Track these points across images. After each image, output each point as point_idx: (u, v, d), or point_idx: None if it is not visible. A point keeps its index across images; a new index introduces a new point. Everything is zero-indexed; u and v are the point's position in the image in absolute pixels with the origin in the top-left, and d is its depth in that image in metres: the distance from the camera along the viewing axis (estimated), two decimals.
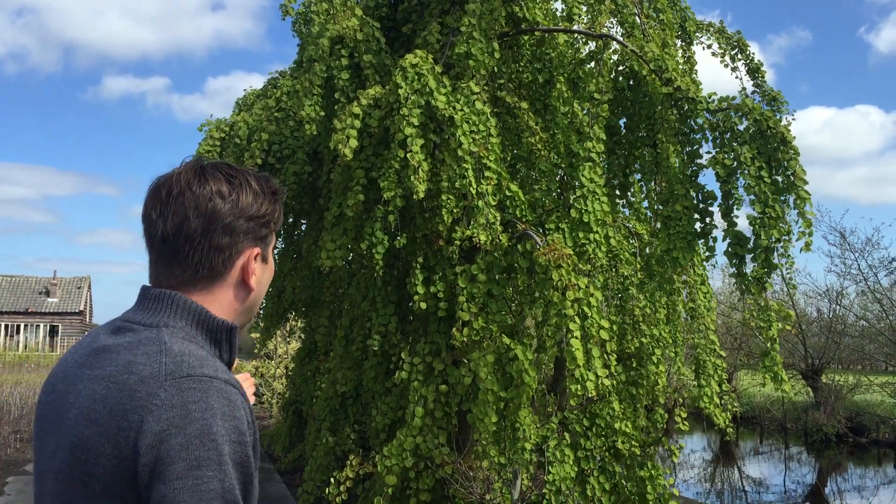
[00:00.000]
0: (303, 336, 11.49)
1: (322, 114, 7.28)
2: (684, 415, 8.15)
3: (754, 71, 8.36)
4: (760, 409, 22.24)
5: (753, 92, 8.19)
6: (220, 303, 1.40)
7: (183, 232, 1.35)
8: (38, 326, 46.17)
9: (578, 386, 5.56)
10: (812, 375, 20.56)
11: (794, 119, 7.74)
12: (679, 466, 15.57)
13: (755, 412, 22.34)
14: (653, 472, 7.31)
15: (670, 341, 8.24)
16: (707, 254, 6.68)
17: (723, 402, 7.96)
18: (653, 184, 8.05)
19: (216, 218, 1.36)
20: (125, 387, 1.21)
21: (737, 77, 8.34)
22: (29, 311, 46.01)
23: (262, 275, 1.47)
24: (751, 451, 19.98)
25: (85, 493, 1.20)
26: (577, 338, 5.71)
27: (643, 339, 7.90)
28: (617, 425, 7.27)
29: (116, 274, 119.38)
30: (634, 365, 8.04)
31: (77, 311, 46.82)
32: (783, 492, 14.76)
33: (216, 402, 1.21)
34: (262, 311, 10.49)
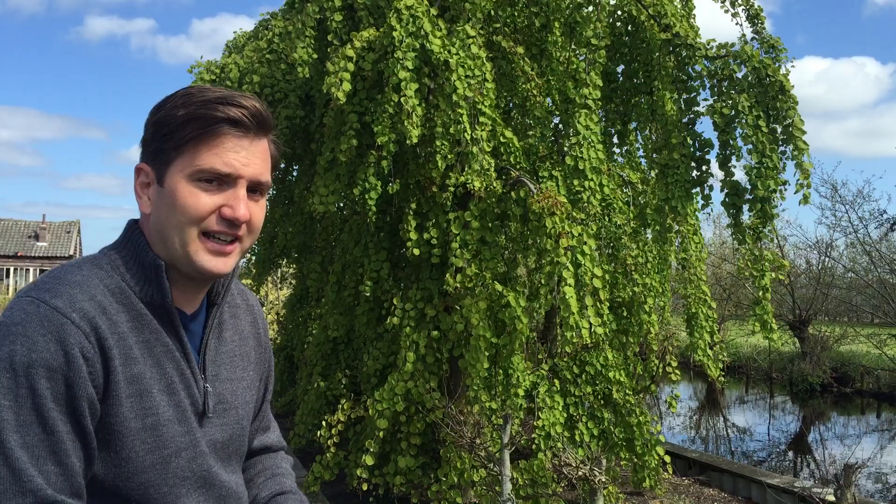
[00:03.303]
0: (294, 282, 11.48)
1: (315, 56, 7.15)
2: (674, 363, 8.21)
3: (754, 17, 8.20)
4: (747, 359, 22.53)
5: (752, 39, 8.06)
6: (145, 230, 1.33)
7: None
8: (27, 270, 46.05)
9: (572, 332, 5.57)
10: (799, 326, 20.77)
11: (793, 66, 7.62)
12: (665, 414, 15.79)
13: (741, 362, 22.63)
14: (641, 418, 7.40)
15: (661, 291, 8.25)
16: (702, 202, 6.65)
17: (714, 352, 8.01)
18: (648, 131, 7.97)
19: None
20: None
21: (737, 23, 8.18)
22: (18, 255, 45.84)
23: (157, 199, 1.28)
24: (736, 400, 20.29)
25: None
26: (570, 285, 5.71)
27: (635, 289, 7.92)
28: (610, 374, 7.32)
29: (105, 219, 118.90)
30: (625, 314, 8.07)
31: (67, 255, 46.63)
32: (767, 439, 15.02)
33: (33, 328, 1.14)
34: (253, 257, 10.46)
